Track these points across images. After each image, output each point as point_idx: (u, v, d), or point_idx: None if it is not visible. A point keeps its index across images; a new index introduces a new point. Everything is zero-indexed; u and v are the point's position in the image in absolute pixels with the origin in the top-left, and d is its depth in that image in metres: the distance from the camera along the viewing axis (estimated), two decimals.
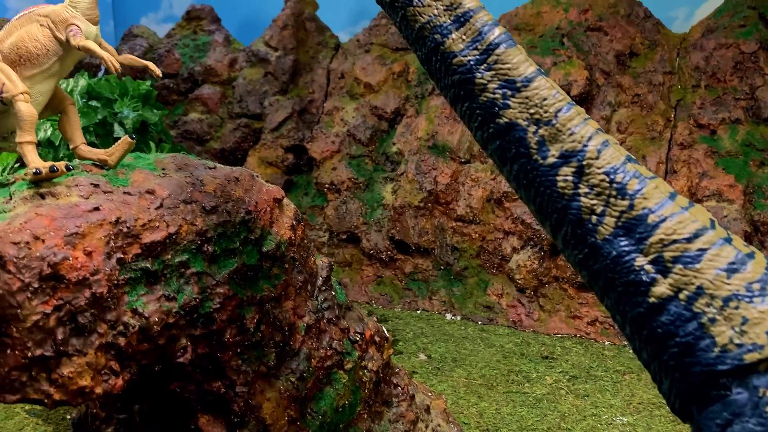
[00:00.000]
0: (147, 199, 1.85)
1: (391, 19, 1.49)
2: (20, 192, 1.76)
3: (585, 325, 4.36)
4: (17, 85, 1.81)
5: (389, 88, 5.42)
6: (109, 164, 2.00)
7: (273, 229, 2.19)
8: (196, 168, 2.10)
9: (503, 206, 4.67)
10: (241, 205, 2.08)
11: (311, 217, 5.53)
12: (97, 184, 1.83)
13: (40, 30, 1.90)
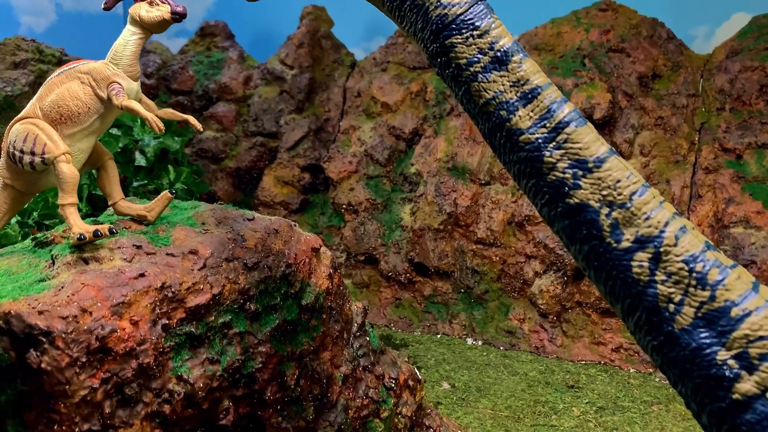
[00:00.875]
0: (190, 259, 1.81)
1: (451, 91, 1.45)
2: (63, 256, 1.72)
3: (609, 351, 4.31)
4: (59, 145, 1.77)
5: (407, 108, 5.37)
6: (149, 220, 1.96)
7: (311, 280, 2.15)
8: (236, 221, 2.06)
9: (525, 230, 4.63)
10: (281, 258, 2.04)
11: (328, 237, 5.49)
12: (139, 245, 1.79)
13: (81, 88, 1.86)
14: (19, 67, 5.94)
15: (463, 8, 1.35)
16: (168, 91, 6.44)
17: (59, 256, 1.71)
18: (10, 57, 5.95)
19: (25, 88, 5.79)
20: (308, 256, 2.15)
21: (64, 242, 1.84)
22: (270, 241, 2.04)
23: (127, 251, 1.75)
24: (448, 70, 1.38)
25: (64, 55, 6.26)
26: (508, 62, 1.32)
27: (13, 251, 1.84)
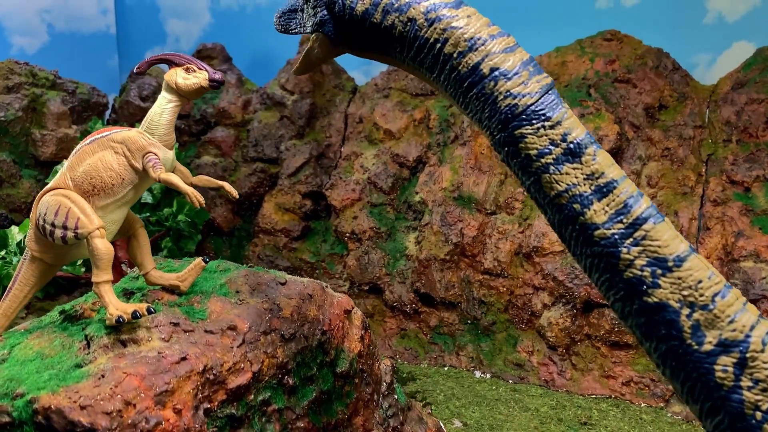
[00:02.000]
0: (229, 336, 1.74)
1: (517, 179, 1.40)
2: (99, 337, 1.64)
3: (620, 385, 4.28)
4: (93, 220, 1.69)
5: (410, 136, 5.33)
6: (181, 290, 1.89)
7: (345, 345, 2.09)
8: (269, 287, 1.99)
9: (533, 261, 4.59)
10: (316, 325, 1.98)
11: (330, 265, 5.42)
12: (176, 322, 1.71)
13: (114, 158, 1.78)
14: (12, 91, 5.82)
15: (534, 98, 1.30)
16: None
17: (95, 338, 1.63)
18: (2, 81, 5.82)
19: (19, 113, 5.68)
20: (341, 320, 2.09)
21: (93, 315, 1.76)
22: (305, 308, 1.97)
23: (165, 329, 1.67)
24: (516, 160, 1.34)
25: (57, 78, 6.15)
26: (582, 154, 1.28)
27: (40, 326, 1.76)
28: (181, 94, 1.89)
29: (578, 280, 4.37)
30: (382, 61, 1.63)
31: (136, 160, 1.77)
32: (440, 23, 1.39)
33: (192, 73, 1.86)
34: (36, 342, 1.67)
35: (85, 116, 6.32)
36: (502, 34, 1.38)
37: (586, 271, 1.35)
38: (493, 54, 1.34)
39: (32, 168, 5.81)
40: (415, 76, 1.57)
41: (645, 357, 4.32)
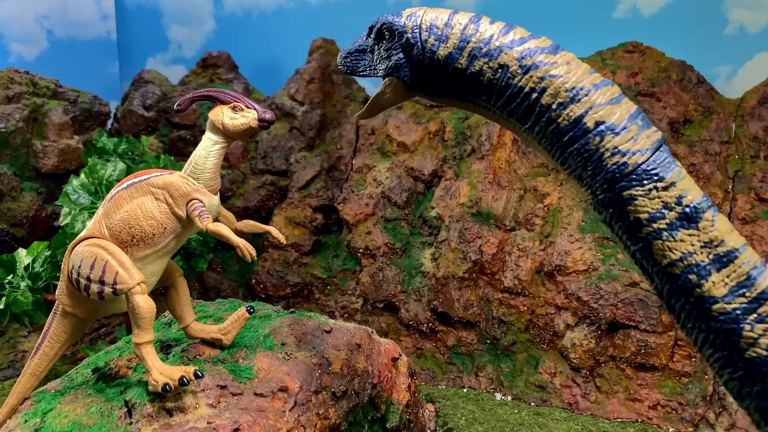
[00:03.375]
0: (280, 398, 1.60)
1: (620, 242, 1.27)
2: (141, 405, 1.49)
3: (646, 408, 4.16)
4: (133, 274, 1.54)
5: (425, 149, 5.20)
6: (224, 344, 1.75)
7: (393, 396, 1.95)
8: (315, 336, 1.85)
9: (555, 280, 4.47)
10: (366, 379, 1.84)
11: (342, 281, 5.28)
12: (224, 385, 1.57)
13: (155, 205, 1.63)
14: (13, 101, 5.64)
15: (645, 156, 1.17)
16: (169, 125, 6.18)
17: (137, 405, 1.49)
18: (2, 90, 5.64)
19: (20, 123, 5.49)
20: (389, 370, 1.95)
21: (130, 374, 1.62)
22: (354, 360, 1.83)
23: (212, 394, 1.53)
24: (623, 223, 1.20)
25: (59, 87, 5.97)
26: (699, 220, 1.14)
27: (72, 387, 1.61)
28: (227, 135, 1.74)
29: (603, 301, 4.25)
30: (463, 108, 1.49)
31: (180, 208, 1.62)
32: (537, 71, 1.25)
33: (239, 112, 1.71)
34: (70, 408, 1.52)
35: (86, 126, 6.15)
36: (605, 83, 1.25)
37: (696, 345, 1.22)
38: (597, 106, 1.20)
39: (33, 180, 5.63)
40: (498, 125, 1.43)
41: (671, 379, 4.21)
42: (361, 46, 1.55)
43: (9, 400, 1.69)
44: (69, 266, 1.63)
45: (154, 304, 1.56)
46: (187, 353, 1.69)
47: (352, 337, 1.89)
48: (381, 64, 1.49)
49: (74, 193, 3.42)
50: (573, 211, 4.56)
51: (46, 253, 3.53)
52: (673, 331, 4.18)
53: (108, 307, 1.69)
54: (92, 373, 1.66)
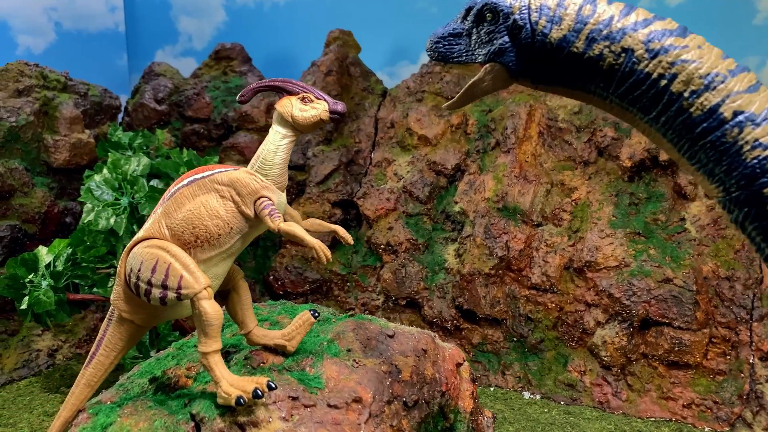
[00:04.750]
0: (354, 410, 1.49)
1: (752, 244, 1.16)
2: (211, 420, 1.39)
3: (680, 407, 4.07)
4: (198, 278, 1.42)
5: (448, 142, 5.08)
6: (288, 351, 1.64)
7: (459, 404, 1.84)
8: (380, 341, 1.74)
9: (585, 276, 4.37)
10: (434, 386, 1.73)
11: (362, 277, 5.17)
12: (295, 396, 1.46)
13: (220, 203, 1.51)
14: (23, 94, 5.51)
15: None
16: (182, 119, 6.06)
17: (205, 420, 1.38)
18: (12, 84, 5.51)
19: (30, 117, 5.36)
20: (455, 377, 1.85)
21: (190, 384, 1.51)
22: (422, 367, 1.73)
23: (284, 406, 1.42)
24: (760, 223, 1.09)
25: (69, 80, 5.83)
26: None
27: (130, 398, 1.50)
28: (296, 127, 1.62)
29: (636, 297, 4.15)
30: (570, 96, 1.38)
31: (248, 206, 1.51)
32: (666, 55, 1.14)
33: (309, 103, 1.59)
34: (132, 422, 1.41)
35: (97, 120, 6.02)
36: (741, 69, 1.14)
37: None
38: (735, 94, 1.10)
39: (45, 176, 5.51)
40: (605, 112, 1.32)
41: (706, 377, 4.12)
42: (456, 29, 1.44)
43: (62, 412, 1.58)
44: (127, 269, 1.52)
45: (221, 310, 1.45)
46: (250, 361, 1.58)
47: (418, 342, 1.79)
48: (480, 49, 1.38)
49: (97, 189, 3.30)
50: (603, 205, 4.46)
51: (67, 251, 3.42)
52: (708, 328, 4.08)
53: (167, 313, 1.58)
54: (149, 383, 1.55)
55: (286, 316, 1.89)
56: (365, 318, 1.88)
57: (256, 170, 1.58)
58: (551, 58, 1.29)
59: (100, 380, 1.59)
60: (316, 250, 1.47)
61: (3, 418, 4.17)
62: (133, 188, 3.33)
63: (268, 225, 1.49)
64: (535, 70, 1.36)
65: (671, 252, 4.25)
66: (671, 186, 4.41)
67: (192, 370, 1.55)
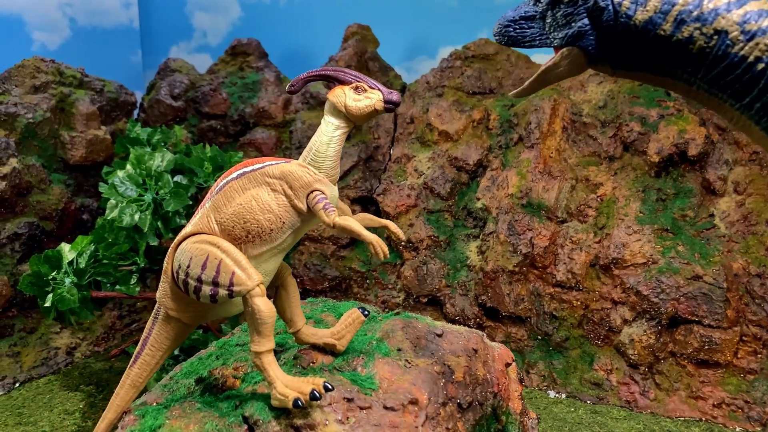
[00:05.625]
0: (411, 411, 1.43)
1: None
2: (265, 422, 1.33)
3: (710, 407, 4.00)
4: (251, 275, 1.37)
5: (469, 137, 5.01)
6: (338, 350, 1.58)
7: (510, 406, 1.78)
8: (429, 341, 1.69)
9: (611, 273, 4.30)
10: (487, 387, 1.67)
11: (382, 275, 5.11)
12: (350, 397, 1.41)
13: (272, 197, 1.45)
14: (39, 90, 5.47)
15: None
16: (198, 115, 6.01)
17: (260, 422, 1.32)
18: (29, 80, 5.47)
19: (47, 114, 5.32)
20: (505, 377, 1.78)
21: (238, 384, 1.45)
22: (474, 367, 1.67)
23: (340, 408, 1.37)
24: None
25: (85, 76, 5.79)
26: None
27: (176, 399, 1.45)
28: (349, 118, 1.56)
29: (665, 295, 4.08)
30: (651, 82, 1.31)
31: (300, 200, 1.45)
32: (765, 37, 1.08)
33: (363, 93, 1.53)
34: (182, 424, 1.36)
35: (113, 116, 5.97)
36: None
37: None
38: None
39: (61, 172, 5.47)
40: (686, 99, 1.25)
41: (736, 376, 4.04)
42: (528, 12, 1.37)
43: (107, 414, 1.53)
44: (175, 266, 1.46)
45: (274, 307, 1.39)
46: (300, 360, 1.52)
47: (468, 342, 1.73)
48: (557, 32, 1.31)
49: (121, 185, 3.25)
50: (630, 201, 4.38)
51: (90, 248, 3.37)
52: (738, 326, 4.01)
53: (216, 311, 1.52)
54: (196, 383, 1.50)
55: (330, 314, 1.84)
56: (411, 316, 1.82)
57: (309, 163, 1.52)
58: (635, 42, 1.22)
59: (145, 380, 1.54)
60: (374, 246, 1.41)
61: (24, 417, 4.14)
62: (157, 184, 3.28)
63: (322, 219, 1.44)
64: (617, 54, 1.29)
65: (700, 248, 4.17)
66: (699, 181, 4.34)
67: (239, 370, 1.50)
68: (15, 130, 5.10)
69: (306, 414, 1.34)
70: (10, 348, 4.73)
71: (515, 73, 5.18)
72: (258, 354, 1.36)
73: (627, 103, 4.58)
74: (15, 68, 5.45)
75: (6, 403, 4.29)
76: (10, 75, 5.41)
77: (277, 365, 1.36)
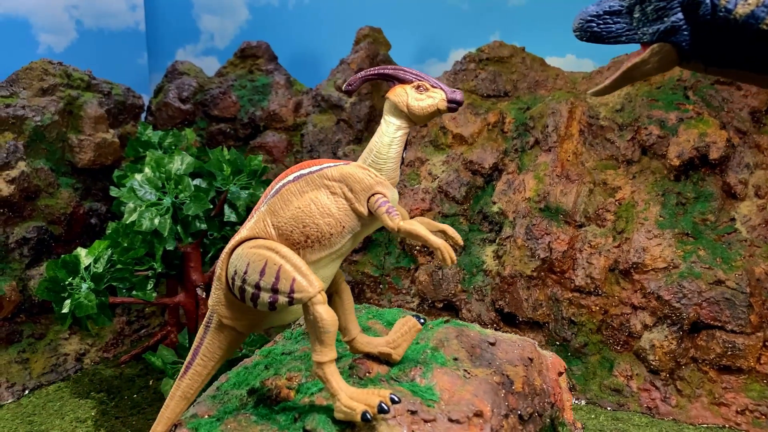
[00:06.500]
0: (476, 425, 1.37)
1: None
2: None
3: (734, 413, 3.95)
4: (313, 282, 1.30)
5: (484, 141, 4.96)
6: (394, 359, 1.52)
7: (564, 417, 1.73)
8: (483, 349, 1.63)
9: (631, 278, 4.25)
10: (544, 398, 1.62)
11: (396, 279, 5.05)
12: (414, 410, 1.35)
13: (332, 200, 1.39)
14: (47, 93, 5.40)
15: None
16: (207, 118, 5.94)
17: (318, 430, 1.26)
18: (37, 82, 5.40)
19: (55, 117, 5.25)
20: (558, 387, 1.73)
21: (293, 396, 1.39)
22: (531, 377, 1.61)
23: (404, 421, 1.31)
24: None
25: (92, 79, 5.72)
26: None
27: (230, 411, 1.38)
28: (411, 118, 1.50)
29: (686, 300, 4.03)
30: (744, 79, 1.26)
31: (361, 203, 1.39)
32: None
33: (425, 92, 1.47)
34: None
35: (121, 119, 5.90)
36: None
37: None
38: None
39: (69, 176, 5.39)
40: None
41: (759, 382, 3.99)
42: (613, 7, 1.31)
43: (156, 427, 1.46)
44: (230, 272, 1.40)
45: (336, 315, 1.33)
46: (356, 370, 1.46)
47: (523, 351, 1.67)
48: (646, 28, 1.26)
49: (140, 188, 3.18)
50: (649, 205, 4.34)
51: (107, 252, 3.30)
52: (762, 332, 3.96)
53: (272, 318, 1.46)
54: (248, 394, 1.44)
55: (376, 321, 1.78)
56: (461, 324, 1.77)
57: (369, 164, 1.46)
58: (735, 38, 1.16)
59: (196, 392, 1.47)
60: (442, 252, 1.35)
61: (35, 425, 4.06)
62: (177, 187, 3.21)
63: (386, 224, 1.38)
64: (713, 51, 1.23)
65: (721, 253, 4.13)
66: (720, 185, 4.30)
67: (293, 380, 1.43)
68: (23, 133, 5.02)
69: (372, 427, 1.28)
70: (19, 354, 4.65)
71: (530, 76, 5.14)
72: (320, 364, 1.29)
73: (645, 106, 4.54)
74: (23, 70, 5.38)
75: (16, 411, 4.21)
76: (17, 77, 5.34)
77: (339, 376, 1.30)
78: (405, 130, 1.51)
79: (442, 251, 1.35)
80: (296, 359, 1.57)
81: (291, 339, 1.74)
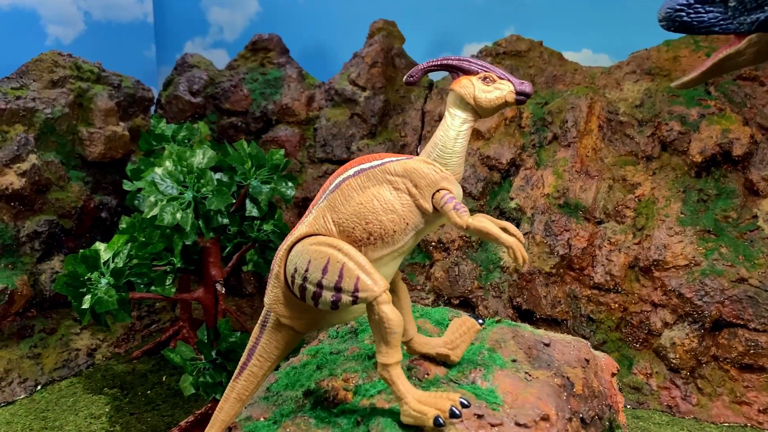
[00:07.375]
0: (543, 429, 1.33)
1: None
2: None
3: (756, 412, 3.92)
4: (377, 281, 1.25)
5: (502, 136, 4.91)
6: (452, 361, 1.48)
7: (619, 419, 1.68)
8: (539, 350, 1.58)
9: (652, 275, 4.21)
10: (602, 400, 1.57)
11: (411, 276, 5.00)
12: (480, 414, 1.30)
13: (395, 196, 1.34)
14: (57, 85, 5.33)
15: None
16: (218, 111, 5.88)
17: None
18: (47, 74, 5.33)
19: (65, 109, 5.18)
20: (613, 388, 1.68)
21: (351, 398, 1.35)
22: (589, 378, 1.57)
23: (472, 426, 1.26)
24: None
25: (102, 71, 5.65)
26: None
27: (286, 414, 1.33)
28: (477, 110, 1.45)
29: (708, 298, 3.99)
30: None
31: (425, 200, 1.34)
32: None
33: (492, 83, 1.42)
34: None
35: (130, 112, 5.83)
36: None
37: None
38: None
39: (80, 169, 5.33)
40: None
41: None
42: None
43: (210, 430, 1.41)
44: (290, 269, 1.34)
45: (401, 315, 1.28)
46: (414, 372, 1.42)
47: (579, 352, 1.62)
48: (744, 17, 1.21)
49: (162, 182, 3.13)
50: (670, 202, 4.29)
51: (126, 247, 3.25)
52: None
53: (331, 318, 1.41)
54: (304, 396, 1.39)
55: (425, 320, 1.73)
56: (513, 324, 1.72)
57: (434, 159, 1.41)
58: None
59: (251, 393, 1.42)
60: (514, 251, 1.30)
61: (49, 421, 4.01)
62: (199, 182, 3.16)
63: (453, 221, 1.33)
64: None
65: (744, 251, 4.08)
66: (742, 182, 4.25)
67: (350, 382, 1.39)
68: (33, 126, 4.96)
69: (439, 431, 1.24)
70: (31, 350, 4.60)
71: (548, 70, 5.08)
72: (386, 366, 1.25)
73: (666, 102, 4.49)
74: (32, 62, 5.31)
75: (29, 407, 4.16)
76: (27, 69, 5.27)
77: (406, 379, 1.25)
78: (471, 123, 1.46)
79: (515, 250, 1.30)
80: (349, 359, 1.52)
81: (337, 338, 1.69)
